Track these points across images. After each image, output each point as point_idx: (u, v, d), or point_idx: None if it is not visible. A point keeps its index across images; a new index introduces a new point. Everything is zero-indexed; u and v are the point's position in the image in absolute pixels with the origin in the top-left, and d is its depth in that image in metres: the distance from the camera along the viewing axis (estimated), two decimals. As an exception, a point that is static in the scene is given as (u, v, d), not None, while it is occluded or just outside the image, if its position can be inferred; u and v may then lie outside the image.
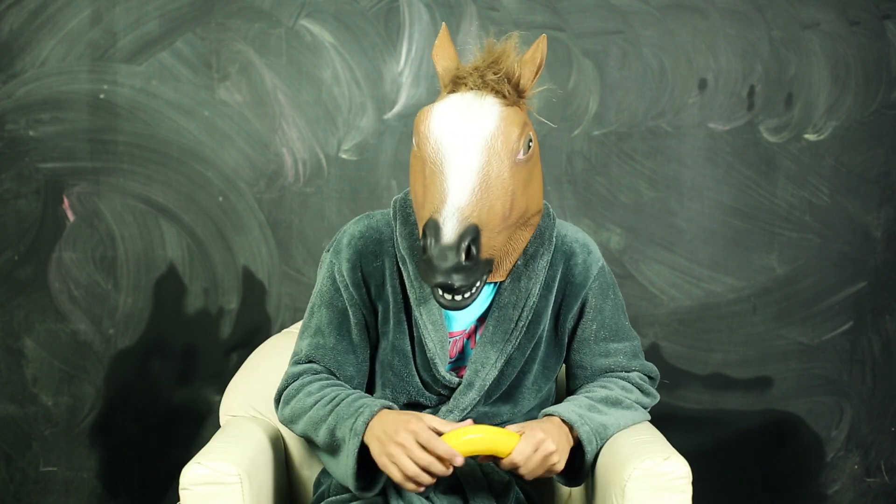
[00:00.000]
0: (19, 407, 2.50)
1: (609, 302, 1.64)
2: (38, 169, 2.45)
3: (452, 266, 1.30)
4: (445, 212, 1.33)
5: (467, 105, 1.43)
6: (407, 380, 1.59)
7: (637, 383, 1.65)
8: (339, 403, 1.49)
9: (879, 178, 2.46)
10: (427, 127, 1.43)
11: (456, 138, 1.40)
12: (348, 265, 1.58)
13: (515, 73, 1.45)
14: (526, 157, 1.44)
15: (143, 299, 2.47)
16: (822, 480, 2.53)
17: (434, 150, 1.40)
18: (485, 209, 1.36)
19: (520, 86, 1.46)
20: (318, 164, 2.45)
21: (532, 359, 1.61)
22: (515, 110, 1.45)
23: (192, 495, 1.50)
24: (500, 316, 1.56)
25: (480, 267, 1.35)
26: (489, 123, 1.41)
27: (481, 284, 1.38)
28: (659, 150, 2.45)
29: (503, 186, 1.39)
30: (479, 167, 1.38)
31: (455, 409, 1.57)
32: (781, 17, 2.43)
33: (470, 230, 1.32)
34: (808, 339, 2.50)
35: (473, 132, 1.40)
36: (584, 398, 1.58)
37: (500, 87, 1.44)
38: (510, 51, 1.45)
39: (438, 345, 1.55)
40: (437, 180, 1.38)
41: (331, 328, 1.60)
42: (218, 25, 2.42)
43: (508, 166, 1.40)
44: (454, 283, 1.31)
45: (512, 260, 1.56)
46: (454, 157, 1.38)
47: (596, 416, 1.54)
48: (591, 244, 1.65)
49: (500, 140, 1.40)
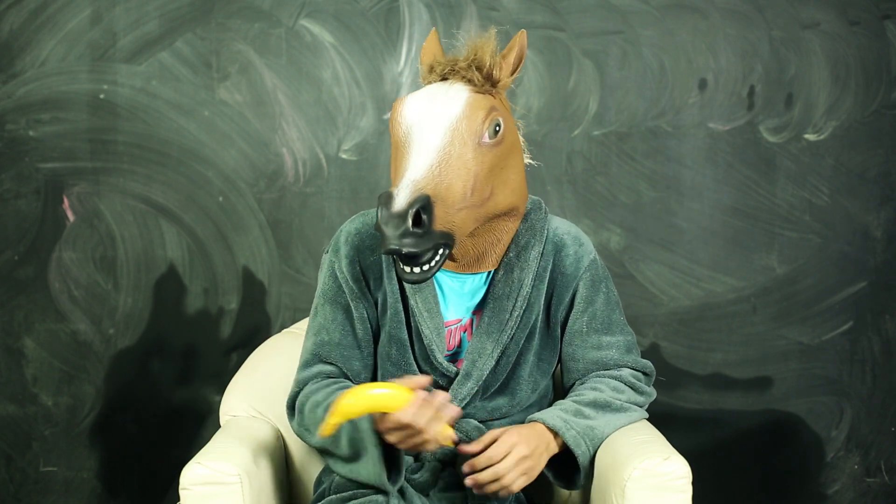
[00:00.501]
0: (19, 407, 2.50)
1: (601, 295, 1.65)
2: (38, 169, 2.45)
3: (401, 232, 1.33)
4: (401, 185, 1.37)
5: (436, 92, 1.49)
6: (405, 370, 1.60)
7: (629, 381, 1.64)
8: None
9: (879, 178, 2.46)
10: (399, 113, 1.49)
11: (422, 121, 1.45)
12: (347, 261, 1.61)
13: (487, 63, 1.49)
14: (493, 141, 1.47)
15: (143, 299, 2.47)
16: (822, 480, 2.53)
17: (404, 134, 1.46)
18: (442, 185, 1.39)
19: (492, 76, 1.50)
20: (318, 164, 2.45)
21: (526, 349, 1.62)
22: (484, 96, 1.49)
23: (192, 495, 1.50)
24: (494, 307, 1.59)
25: (433, 236, 1.37)
26: (455, 106, 1.46)
27: (441, 258, 1.40)
28: (659, 150, 2.45)
29: (464, 167, 1.43)
30: (440, 146, 1.42)
31: (453, 399, 1.58)
32: (781, 17, 2.43)
33: (420, 199, 1.35)
34: (808, 339, 2.50)
35: (438, 114, 1.45)
36: (571, 402, 1.59)
37: (469, 75, 1.49)
38: (486, 44, 1.51)
39: (434, 332, 1.58)
40: (402, 160, 1.44)
41: (335, 325, 1.62)
42: (218, 25, 2.42)
43: (471, 148, 1.44)
44: (401, 249, 1.34)
45: (500, 250, 1.60)
46: (418, 138, 1.44)
47: (582, 420, 1.55)
48: (582, 237, 1.68)
49: (464, 123, 1.45)
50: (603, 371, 1.65)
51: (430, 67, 1.55)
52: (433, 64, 1.54)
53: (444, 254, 1.40)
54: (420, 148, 1.43)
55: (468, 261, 1.59)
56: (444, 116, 1.45)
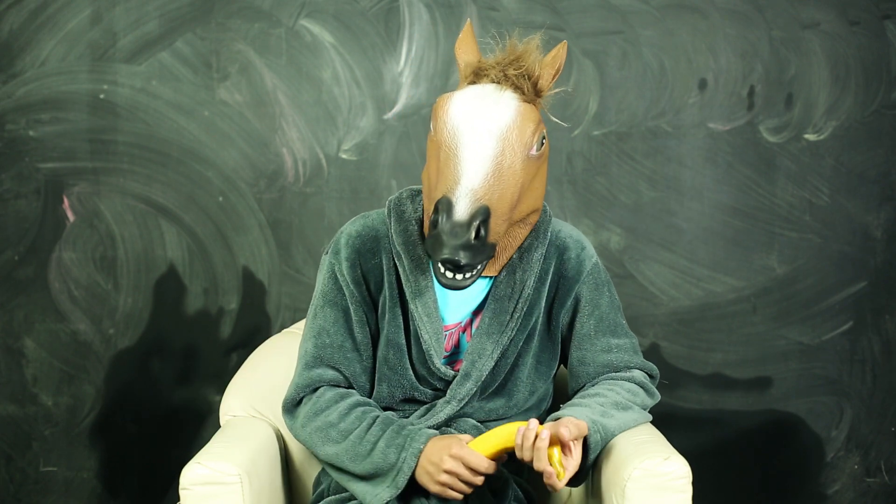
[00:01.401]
0: (19, 407, 2.50)
1: (605, 298, 1.65)
2: (38, 169, 2.45)
3: (462, 243, 1.34)
4: (459, 192, 1.37)
5: (486, 95, 1.47)
6: (401, 374, 1.60)
7: (641, 382, 1.64)
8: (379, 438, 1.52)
9: (879, 178, 2.46)
10: (446, 112, 1.47)
11: (473, 125, 1.44)
12: (347, 263, 1.60)
13: (535, 73, 1.49)
14: (538, 153, 1.48)
15: (143, 299, 2.47)
16: (822, 480, 2.53)
17: (451, 135, 1.44)
18: (496, 195, 1.40)
19: (538, 85, 1.50)
20: (318, 164, 2.45)
21: (525, 351, 1.62)
22: (532, 108, 1.49)
23: (192, 495, 1.50)
24: (496, 308, 1.59)
25: (486, 249, 1.39)
26: (507, 115, 1.45)
27: (482, 268, 1.42)
28: (659, 150, 2.45)
29: (514, 177, 1.43)
30: (493, 154, 1.42)
31: (452, 399, 1.58)
32: (781, 17, 2.43)
33: (482, 211, 1.36)
34: (808, 339, 2.50)
35: (490, 121, 1.44)
36: (597, 404, 1.56)
37: (520, 83, 1.48)
38: (532, 50, 1.50)
39: (434, 336, 1.57)
40: (451, 163, 1.42)
41: (336, 327, 1.61)
42: (218, 25, 2.42)
43: (521, 159, 1.45)
44: (461, 260, 1.34)
45: (508, 255, 1.60)
46: (470, 143, 1.43)
47: (608, 422, 1.54)
48: (584, 241, 1.67)
49: (516, 133, 1.44)
50: (614, 373, 1.65)
51: (476, 69, 1.52)
52: (481, 66, 1.52)
53: (485, 264, 1.42)
54: (473, 154, 1.41)
55: None
56: (495, 124, 1.44)
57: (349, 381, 1.62)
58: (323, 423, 1.55)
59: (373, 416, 1.55)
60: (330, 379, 1.60)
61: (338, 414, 1.55)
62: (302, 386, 1.61)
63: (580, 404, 1.57)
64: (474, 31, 1.56)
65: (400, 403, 1.62)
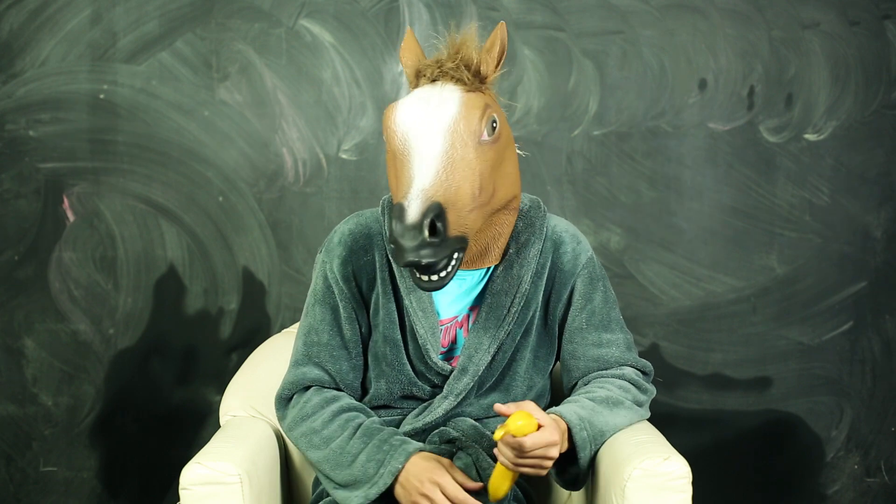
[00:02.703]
0: (19, 407, 2.50)
1: (599, 293, 1.65)
2: (38, 169, 2.45)
3: (418, 243, 1.33)
4: (411, 195, 1.36)
5: (428, 95, 1.48)
6: (399, 369, 1.60)
7: (633, 379, 1.64)
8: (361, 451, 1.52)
9: (879, 178, 2.46)
10: (393, 121, 1.48)
11: (419, 127, 1.44)
12: (339, 261, 1.61)
13: (474, 61, 1.49)
14: (491, 138, 1.47)
15: (143, 299, 2.47)
16: (822, 480, 2.53)
17: (401, 142, 1.45)
18: (451, 189, 1.39)
19: (480, 73, 1.50)
20: (318, 164, 2.45)
21: (522, 346, 1.62)
22: (476, 95, 1.49)
23: (192, 495, 1.50)
24: (492, 303, 1.59)
25: (449, 243, 1.37)
26: (450, 109, 1.45)
27: (457, 263, 1.40)
28: (659, 150, 2.45)
29: (469, 167, 1.43)
30: (442, 151, 1.42)
31: (450, 394, 1.58)
32: (781, 17, 2.43)
33: (433, 207, 1.35)
34: (808, 339, 2.49)
35: (435, 119, 1.44)
36: (587, 400, 1.57)
37: (459, 75, 1.49)
38: (468, 40, 1.50)
39: (429, 331, 1.58)
40: (405, 169, 1.42)
41: (324, 325, 1.63)
42: (218, 25, 2.42)
43: (473, 148, 1.44)
44: (421, 261, 1.34)
45: (501, 244, 1.60)
46: (419, 145, 1.43)
47: (597, 420, 1.54)
48: (580, 236, 1.68)
49: (462, 123, 1.44)
50: (605, 370, 1.65)
51: (416, 72, 1.54)
52: (420, 68, 1.53)
53: (458, 258, 1.40)
54: (422, 154, 1.42)
55: (472, 257, 1.59)
56: (441, 120, 1.44)
57: (335, 380, 1.63)
58: (307, 430, 1.57)
59: (356, 424, 1.56)
60: (316, 378, 1.62)
61: (321, 421, 1.57)
62: (290, 383, 1.63)
63: (570, 401, 1.58)
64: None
65: (398, 400, 1.63)
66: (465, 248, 1.41)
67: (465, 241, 1.41)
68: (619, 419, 1.58)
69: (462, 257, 1.41)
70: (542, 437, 1.40)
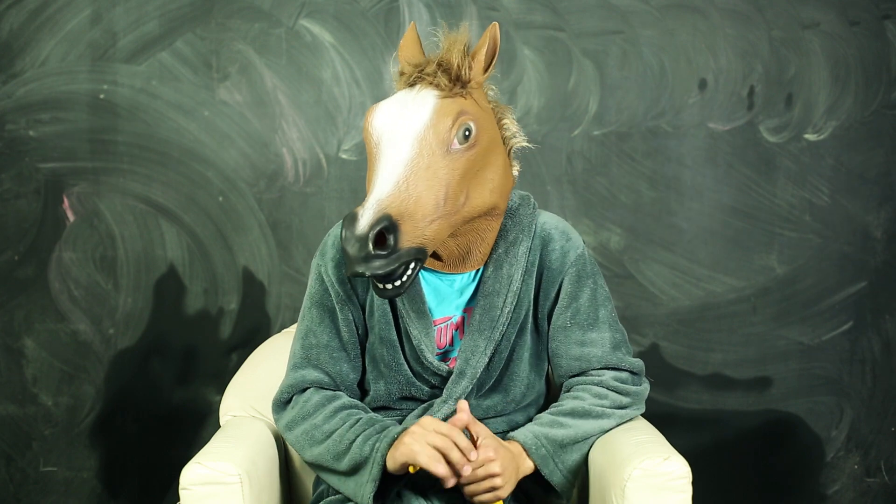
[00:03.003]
0: (19, 407, 2.50)
1: (586, 290, 1.62)
2: (38, 169, 2.45)
3: (363, 255, 1.32)
4: (366, 204, 1.35)
5: (404, 100, 1.46)
6: (397, 370, 1.60)
7: (611, 385, 1.61)
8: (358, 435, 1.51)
9: (879, 178, 2.46)
10: (370, 124, 1.47)
11: (391, 131, 1.43)
12: (333, 264, 1.61)
13: (454, 65, 1.46)
14: (464, 146, 1.44)
15: (143, 299, 2.47)
16: (822, 480, 2.53)
17: (374, 145, 1.44)
18: (410, 200, 1.37)
19: (461, 77, 1.47)
20: (318, 164, 2.45)
21: (519, 346, 1.62)
22: (453, 101, 1.45)
23: (192, 495, 1.50)
24: (485, 304, 1.58)
25: (401, 255, 1.35)
26: (422, 115, 1.43)
27: (413, 273, 1.38)
28: (659, 150, 2.45)
29: (434, 177, 1.40)
30: (407, 159, 1.40)
31: (449, 398, 1.57)
32: (781, 17, 2.43)
33: (382, 219, 1.33)
34: (808, 339, 2.50)
35: (405, 125, 1.43)
36: (548, 415, 1.58)
37: (435, 80, 1.46)
38: (453, 43, 1.48)
39: (423, 332, 1.57)
40: (372, 174, 1.42)
41: (322, 327, 1.62)
42: (218, 25, 2.42)
43: (441, 156, 1.42)
44: (367, 272, 1.32)
45: (484, 249, 1.58)
46: (386, 151, 1.42)
47: (556, 432, 1.54)
48: (571, 232, 1.65)
49: (431, 131, 1.42)
50: (584, 376, 1.63)
51: (399, 73, 1.52)
52: (402, 69, 1.51)
53: (415, 268, 1.38)
54: (387, 162, 1.40)
55: (454, 260, 1.58)
56: (410, 127, 1.42)
57: (335, 381, 1.62)
58: (309, 426, 1.56)
59: (356, 417, 1.56)
60: (315, 379, 1.61)
61: (323, 416, 1.56)
62: (289, 386, 1.62)
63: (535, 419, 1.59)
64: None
65: (398, 402, 1.63)
66: (424, 258, 1.39)
67: (424, 252, 1.38)
68: (588, 426, 1.56)
69: (420, 266, 1.39)
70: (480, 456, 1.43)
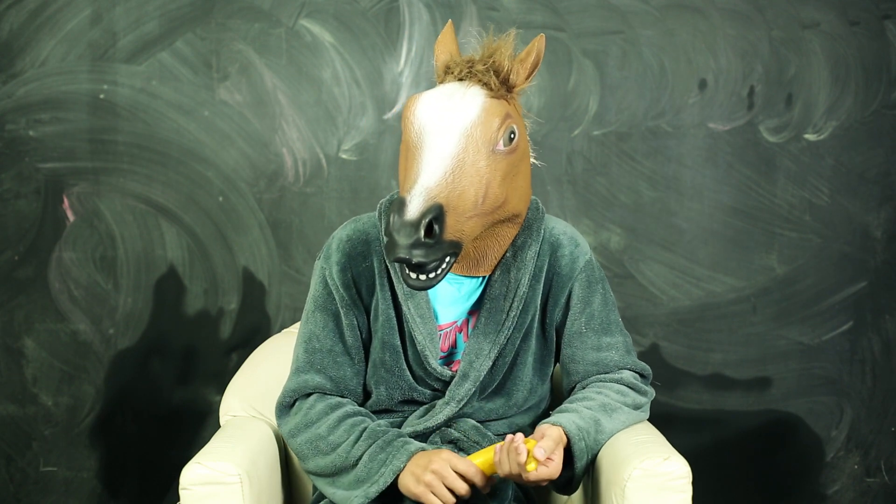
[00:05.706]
0: (19, 407, 2.50)
1: (597, 295, 1.64)
2: (38, 169, 2.45)
3: (412, 242, 1.32)
4: (414, 191, 1.36)
5: (452, 93, 1.47)
6: (399, 375, 1.60)
7: (631, 383, 1.64)
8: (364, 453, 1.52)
9: (879, 178, 2.46)
10: (413, 113, 1.47)
11: (436, 124, 1.43)
12: (338, 268, 1.60)
13: (505, 68, 1.48)
14: (507, 149, 1.46)
15: (143, 299, 2.47)
16: (822, 480, 2.53)
17: (416, 135, 1.44)
18: (455, 192, 1.38)
19: (509, 81, 1.49)
20: (318, 164, 2.45)
21: (523, 350, 1.62)
22: (500, 102, 1.48)
23: (192, 495, 1.50)
24: (491, 307, 1.58)
25: (443, 246, 1.36)
26: (471, 112, 1.44)
27: (447, 266, 1.39)
28: (659, 150, 2.45)
29: (477, 174, 1.42)
30: (454, 152, 1.41)
31: (451, 400, 1.57)
32: (781, 17, 2.43)
33: (433, 208, 1.34)
34: (808, 339, 2.50)
35: (453, 118, 1.43)
36: (586, 409, 1.56)
37: (486, 79, 1.47)
38: (504, 46, 1.49)
39: (428, 337, 1.57)
40: (414, 163, 1.41)
41: (326, 331, 1.61)
42: (218, 25, 2.42)
43: (485, 155, 1.43)
44: (412, 259, 1.33)
45: (497, 254, 1.59)
46: (432, 142, 1.42)
47: (595, 429, 1.54)
48: (578, 238, 1.67)
49: (479, 129, 1.43)
50: (603, 375, 1.64)
51: (445, 67, 1.53)
52: (450, 64, 1.52)
53: (450, 262, 1.39)
54: (434, 152, 1.41)
55: (468, 263, 1.58)
56: (459, 121, 1.43)
57: (338, 386, 1.61)
58: (313, 436, 1.56)
59: (361, 428, 1.55)
60: (318, 384, 1.60)
61: (327, 426, 1.56)
62: (292, 390, 1.61)
63: (568, 410, 1.57)
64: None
65: (399, 405, 1.62)
66: (459, 252, 1.40)
67: (460, 247, 1.40)
68: (616, 424, 1.57)
69: (453, 261, 1.40)
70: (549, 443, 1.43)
